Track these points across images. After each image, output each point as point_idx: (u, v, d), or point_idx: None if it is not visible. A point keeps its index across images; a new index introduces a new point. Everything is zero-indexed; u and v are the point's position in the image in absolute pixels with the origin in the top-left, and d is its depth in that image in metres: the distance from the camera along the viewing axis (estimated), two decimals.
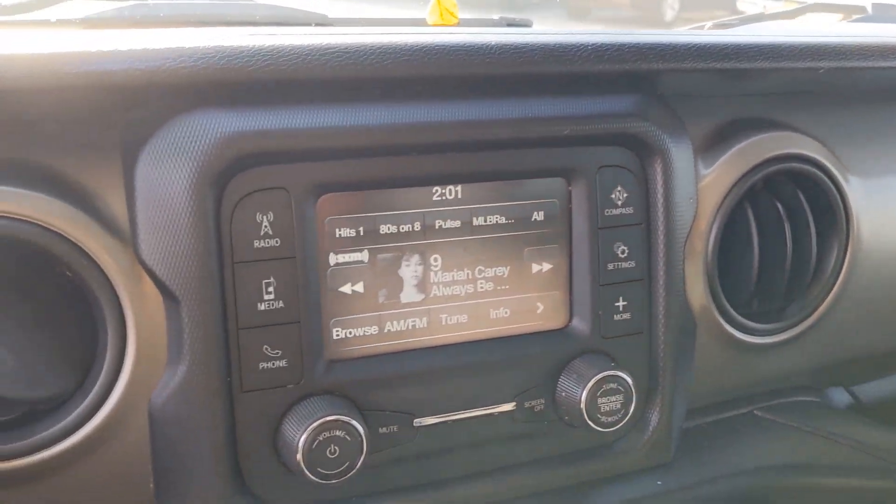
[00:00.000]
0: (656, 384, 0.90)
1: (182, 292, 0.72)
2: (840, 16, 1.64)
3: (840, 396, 1.14)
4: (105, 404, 0.74)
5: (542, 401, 0.86)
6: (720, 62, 0.84)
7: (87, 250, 0.71)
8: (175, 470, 0.76)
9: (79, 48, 0.67)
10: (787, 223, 0.97)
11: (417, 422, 0.82)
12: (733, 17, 1.62)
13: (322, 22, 1.26)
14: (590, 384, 0.83)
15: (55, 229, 0.70)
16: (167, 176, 0.71)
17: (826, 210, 1.00)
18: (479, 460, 0.86)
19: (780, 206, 0.98)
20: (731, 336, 0.97)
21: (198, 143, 0.71)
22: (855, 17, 1.54)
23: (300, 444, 0.74)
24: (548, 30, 1.07)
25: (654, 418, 0.90)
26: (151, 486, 0.77)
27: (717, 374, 0.99)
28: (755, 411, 1.03)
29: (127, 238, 0.73)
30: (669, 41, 0.84)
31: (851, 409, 1.14)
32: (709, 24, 1.54)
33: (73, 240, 0.71)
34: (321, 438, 0.74)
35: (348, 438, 0.75)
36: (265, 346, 0.75)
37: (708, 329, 0.96)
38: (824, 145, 1.00)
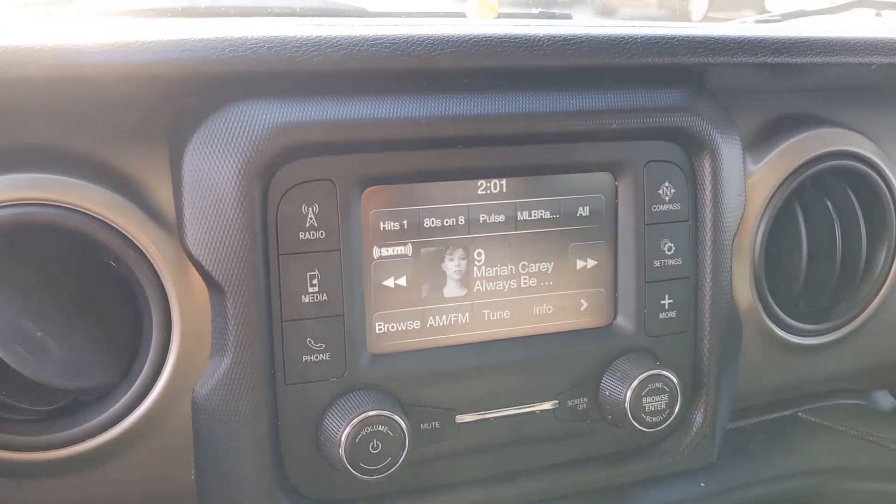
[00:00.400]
0: (701, 384, 0.88)
1: (228, 283, 0.71)
2: (884, 13, 1.60)
3: (885, 400, 1.11)
4: (149, 395, 0.74)
5: (585, 400, 0.85)
6: (772, 56, 0.83)
7: (133, 240, 0.71)
8: (217, 461, 0.76)
9: (126, 38, 0.67)
10: (837, 222, 0.95)
11: (459, 418, 0.81)
12: (774, 15, 1.59)
13: (361, 14, 1.26)
14: (634, 383, 0.82)
15: (102, 218, 0.70)
16: (214, 166, 0.71)
17: (877, 209, 0.98)
18: (520, 459, 0.84)
19: (829, 204, 0.96)
20: (777, 336, 0.96)
21: (245, 133, 0.70)
22: None
23: (343, 439, 0.73)
24: (591, 22, 1.05)
25: (698, 419, 0.89)
26: (192, 476, 0.77)
27: (761, 374, 0.97)
28: (800, 413, 1.01)
29: (173, 228, 0.73)
30: (720, 35, 0.82)
31: None
32: (750, 19, 1.52)
33: (119, 229, 0.71)
34: (364, 433, 0.73)
35: (391, 434, 0.74)
36: (309, 339, 0.75)
37: (753, 328, 0.94)
38: (875, 143, 0.97)
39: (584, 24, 1.00)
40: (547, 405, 0.84)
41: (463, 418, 0.81)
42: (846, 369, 1.03)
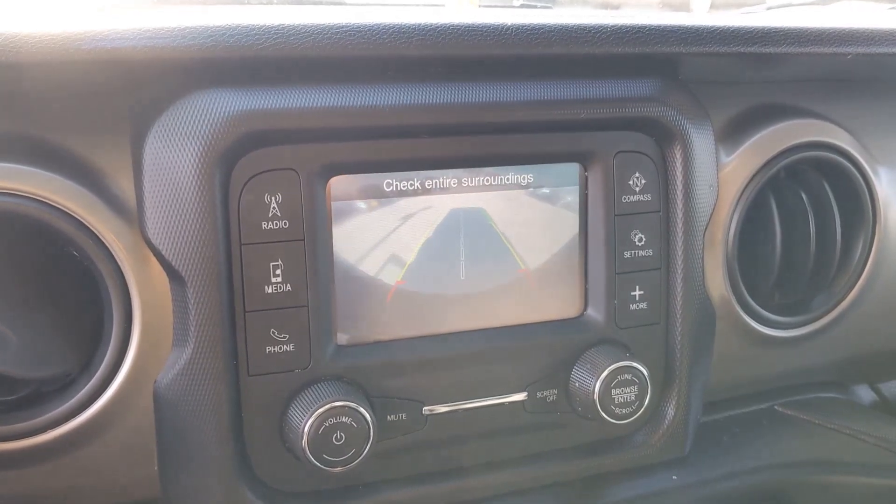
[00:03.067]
0: (673, 376, 0.88)
1: (188, 273, 0.71)
2: (874, 6, 1.59)
3: (864, 393, 1.11)
4: (111, 385, 0.73)
5: (555, 391, 0.85)
6: (743, 46, 0.82)
7: (93, 229, 0.71)
8: (180, 453, 0.75)
9: (88, 26, 0.66)
10: (812, 213, 0.95)
11: (426, 410, 0.80)
12: (760, 7, 1.58)
13: (337, 2, 1.25)
14: (604, 374, 0.81)
15: (61, 207, 0.70)
16: (175, 155, 0.70)
17: (853, 201, 0.97)
18: (489, 451, 0.84)
19: (804, 195, 0.95)
20: (752, 329, 0.95)
21: (206, 121, 0.70)
22: (891, 6, 1.50)
23: (305, 430, 0.72)
24: (566, 13, 1.05)
25: (670, 411, 0.88)
26: (156, 468, 0.77)
27: (736, 367, 0.97)
28: (776, 406, 1.01)
29: (134, 218, 0.72)
30: (691, 24, 0.81)
31: (876, 407, 1.11)
32: (736, 13, 1.51)
33: (78, 218, 0.70)
34: (327, 424, 0.73)
35: (355, 425, 0.73)
36: (272, 330, 0.74)
37: (728, 321, 0.93)
38: (852, 134, 0.97)
39: (561, 14, 1.00)
40: (516, 397, 0.83)
41: (430, 409, 0.80)
42: (823, 362, 1.02)
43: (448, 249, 0.80)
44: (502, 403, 0.83)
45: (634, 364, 0.82)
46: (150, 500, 0.78)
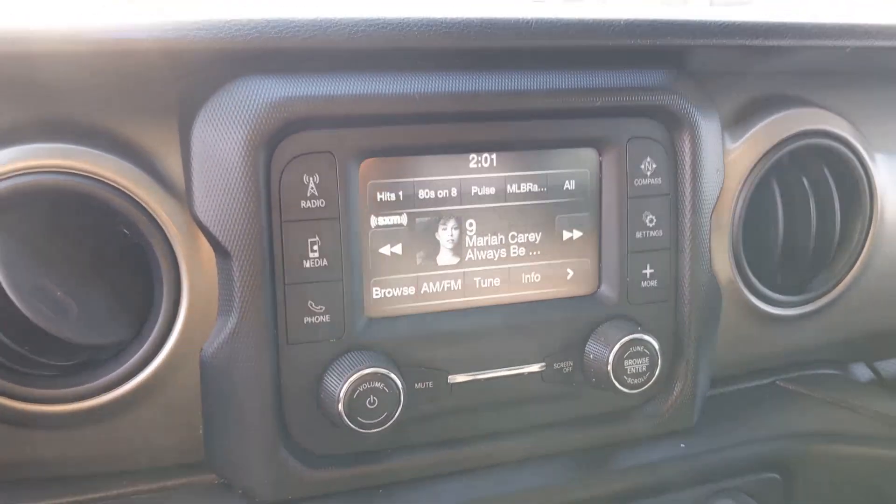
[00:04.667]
0: (681, 350, 0.93)
1: (234, 248, 0.76)
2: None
3: (862, 372, 1.16)
4: (160, 352, 0.79)
5: (571, 363, 0.90)
6: (748, 39, 0.87)
7: (146, 207, 0.76)
8: (223, 417, 0.81)
9: (141, 19, 0.72)
10: (813, 198, 1.00)
11: (451, 378, 0.86)
12: None
13: None
14: (616, 346, 0.87)
15: (117, 186, 0.75)
16: (221, 138, 0.75)
17: (851, 186, 1.03)
18: (509, 419, 0.89)
19: (806, 181, 1.00)
20: (756, 307, 1.00)
21: (250, 107, 0.75)
22: None
23: (341, 395, 0.78)
24: (580, 7, 1.10)
25: (679, 383, 0.94)
26: (200, 432, 0.82)
27: (741, 344, 1.02)
28: (778, 382, 1.06)
29: (182, 196, 0.78)
30: (699, 19, 0.87)
31: (873, 384, 1.16)
32: (737, 5, 1.56)
33: (133, 197, 0.76)
34: (361, 389, 0.78)
35: (386, 390, 0.79)
36: (310, 302, 0.80)
37: (733, 299, 0.99)
38: (851, 123, 1.02)
39: (574, 7, 1.05)
40: (534, 367, 0.89)
41: (455, 379, 0.86)
42: (823, 340, 1.08)
43: (472, 230, 0.86)
44: (521, 374, 0.88)
45: (645, 337, 0.87)
46: (195, 462, 0.84)
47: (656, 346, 0.88)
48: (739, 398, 1.03)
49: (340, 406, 0.78)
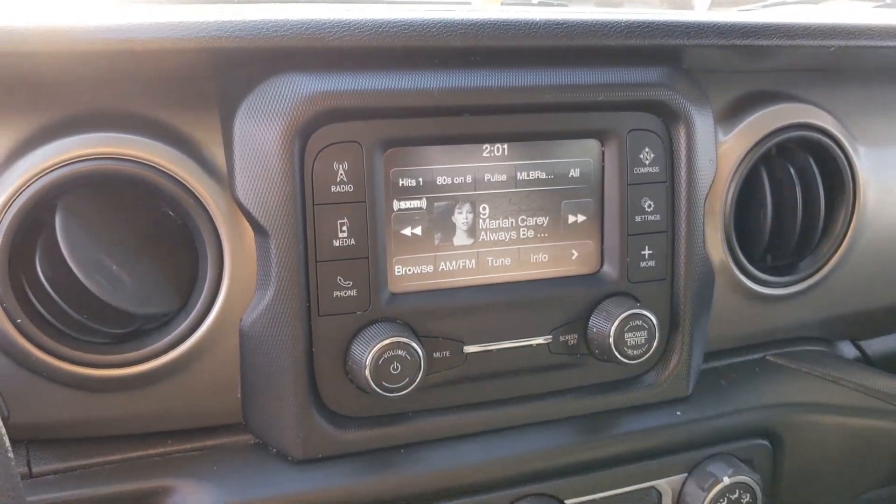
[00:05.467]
0: (677, 325, 1.01)
1: (271, 227, 0.84)
2: (861, 5, 1.72)
3: (847, 350, 1.24)
4: (204, 322, 0.87)
5: (575, 336, 0.98)
6: (738, 39, 0.95)
7: (193, 190, 0.84)
8: (260, 382, 0.89)
9: (187, 19, 0.80)
10: (799, 187, 1.08)
11: (466, 349, 0.94)
12: (757, 4, 1.71)
13: (383, 0, 1.37)
14: (617, 321, 0.95)
15: (167, 171, 0.83)
16: (261, 129, 0.84)
17: (835, 175, 1.10)
18: (519, 386, 0.97)
19: (792, 170, 1.08)
20: (747, 287, 1.08)
21: (287, 102, 0.83)
22: (875, 4, 1.63)
23: (368, 361, 0.86)
24: (584, 10, 1.18)
25: (675, 356, 1.02)
26: (239, 396, 0.90)
27: (732, 321, 1.10)
28: (768, 357, 1.14)
29: (225, 181, 0.86)
30: (694, 20, 0.95)
31: (857, 361, 1.24)
32: (734, 10, 1.64)
33: (182, 181, 0.84)
34: (386, 356, 0.86)
35: (408, 357, 0.87)
36: (339, 277, 0.88)
37: (725, 280, 1.07)
38: (835, 117, 1.10)
39: (577, 10, 1.13)
40: (542, 339, 0.97)
41: (469, 349, 0.94)
42: (810, 319, 1.16)
43: (485, 213, 0.94)
44: (530, 346, 0.96)
45: (644, 312, 0.95)
46: (234, 424, 0.92)
47: (654, 320, 0.96)
48: (731, 371, 1.10)
49: (367, 372, 0.86)
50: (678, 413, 1.02)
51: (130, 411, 0.88)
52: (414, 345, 0.87)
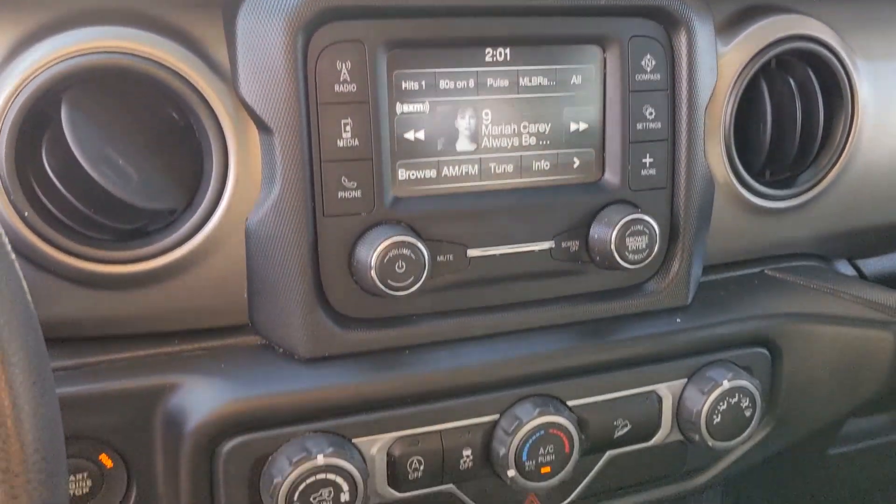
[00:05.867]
0: (677, 233, 1.02)
1: (276, 125, 0.84)
2: None
3: (844, 269, 1.25)
4: (209, 221, 0.87)
5: (577, 242, 0.99)
6: None
7: (197, 87, 0.84)
8: (266, 282, 0.89)
9: None
10: (799, 99, 1.08)
11: (469, 252, 0.95)
12: None
13: None
14: (619, 225, 0.96)
15: (173, 67, 0.83)
16: (263, 27, 0.84)
17: (834, 88, 1.11)
18: (522, 292, 0.98)
19: (792, 82, 1.09)
20: (746, 200, 1.09)
21: None
22: None
23: (373, 260, 0.87)
24: None
25: (675, 264, 1.03)
26: (245, 296, 0.91)
27: (731, 234, 1.11)
28: (766, 271, 1.15)
29: (229, 79, 0.86)
30: None
31: (854, 278, 1.25)
32: None
33: (188, 78, 0.84)
34: (391, 255, 0.87)
35: (413, 256, 0.88)
36: (343, 178, 0.88)
37: (724, 192, 1.08)
38: (835, 31, 1.10)
39: None
40: (544, 245, 0.97)
41: (472, 252, 0.95)
42: (808, 235, 1.17)
43: (487, 119, 0.94)
44: (532, 251, 0.97)
45: (645, 217, 0.96)
46: (241, 324, 0.93)
47: (655, 225, 0.97)
48: (730, 283, 1.12)
49: (372, 271, 0.87)
50: (678, 320, 1.03)
51: (137, 310, 0.88)
52: (419, 244, 0.88)
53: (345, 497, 0.85)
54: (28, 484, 0.57)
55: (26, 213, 0.81)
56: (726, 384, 1.00)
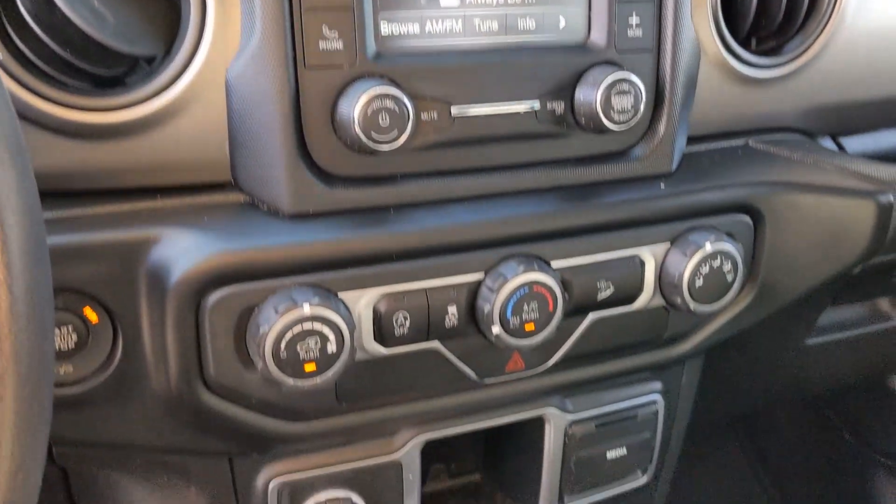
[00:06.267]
0: (663, 98, 1.01)
1: None
2: None
3: (828, 145, 1.25)
4: (188, 70, 0.85)
5: (562, 104, 0.98)
6: None
7: None
8: (247, 137, 0.88)
9: None
10: None
11: (454, 110, 0.93)
12: None
13: None
14: (604, 84, 0.94)
15: None
16: None
17: None
18: (506, 154, 0.98)
19: None
20: (732, 68, 1.08)
21: None
22: None
23: (356, 112, 0.85)
24: None
25: (661, 129, 1.02)
26: (227, 148, 0.90)
27: (716, 104, 1.10)
28: (749, 142, 1.15)
29: None
30: None
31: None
32: None
33: None
34: (374, 107, 0.85)
35: (397, 109, 0.86)
36: (324, 27, 0.86)
37: (710, 59, 1.07)
38: None
39: None
40: (529, 104, 0.96)
41: (456, 111, 0.94)
42: (793, 108, 1.16)
43: None
44: (517, 112, 0.96)
45: (631, 76, 0.95)
46: (224, 182, 0.91)
47: (640, 85, 0.96)
48: (714, 154, 1.12)
49: (356, 125, 0.86)
50: (662, 186, 1.03)
51: (118, 163, 0.87)
52: (402, 97, 0.86)
53: (331, 348, 0.86)
54: (15, 326, 0.55)
55: (1, 57, 0.79)
56: (709, 247, 1.00)
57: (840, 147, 1.26)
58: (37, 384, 0.52)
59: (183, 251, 0.85)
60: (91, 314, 0.86)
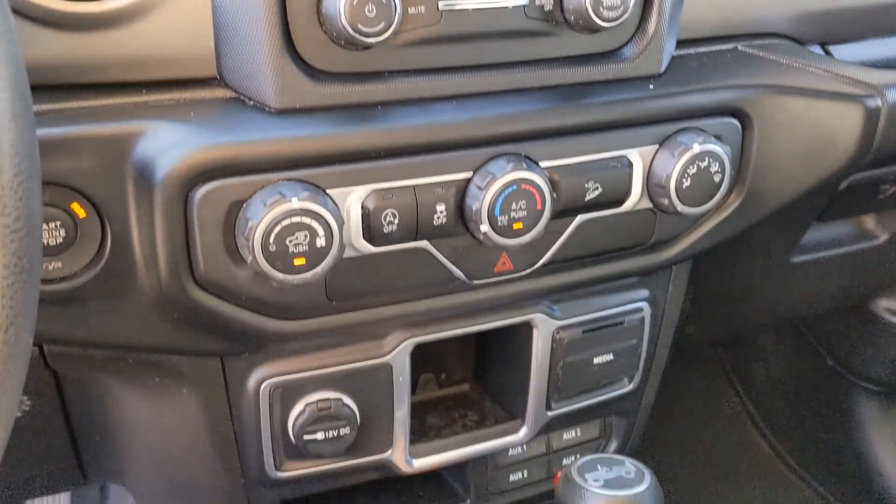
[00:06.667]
0: None
1: None
2: None
3: (817, 52, 1.25)
4: None
5: (552, 0, 0.97)
6: None
7: None
8: (233, 30, 0.87)
9: None
10: None
11: (441, 4, 0.92)
12: None
13: None
14: None
15: None
16: None
17: None
18: (495, 52, 0.97)
19: None
20: None
21: None
22: None
23: (342, 4, 0.84)
24: None
25: (651, 28, 1.01)
26: (212, 42, 0.89)
27: (706, 6, 1.09)
28: (738, 46, 1.14)
29: None
30: None
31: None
32: None
33: None
34: None
35: (384, 1, 0.85)
36: None
37: None
38: None
39: None
40: (518, 1, 0.95)
41: (444, 4, 0.92)
42: (783, 12, 1.15)
43: None
44: (506, 7, 0.95)
45: None
46: (210, 78, 0.90)
47: None
48: (703, 57, 1.11)
49: (342, 16, 0.84)
50: (651, 86, 1.03)
51: (101, 55, 0.86)
52: None
53: (320, 242, 0.86)
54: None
55: None
56: (696, 147, 1.00)
57: (829, 55, 1.25)
58: (26, 237, 0.52)
59: (170, 145, 0.84)
60: (79, 209, 0.86)
